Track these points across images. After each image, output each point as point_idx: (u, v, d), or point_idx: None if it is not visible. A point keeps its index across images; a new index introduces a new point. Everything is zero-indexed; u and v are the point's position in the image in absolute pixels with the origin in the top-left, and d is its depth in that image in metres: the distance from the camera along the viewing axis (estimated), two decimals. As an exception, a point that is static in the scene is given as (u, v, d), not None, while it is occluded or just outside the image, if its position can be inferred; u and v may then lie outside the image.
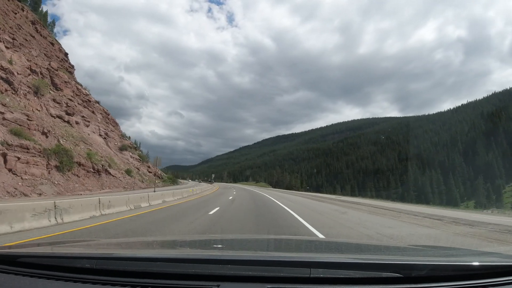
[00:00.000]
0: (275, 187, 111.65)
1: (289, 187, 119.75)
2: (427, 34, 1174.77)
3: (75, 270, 1.27)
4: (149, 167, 43.92)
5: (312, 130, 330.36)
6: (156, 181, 35.50)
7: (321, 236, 7.04)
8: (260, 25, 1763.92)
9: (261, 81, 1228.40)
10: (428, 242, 6.57)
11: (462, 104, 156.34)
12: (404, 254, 2.02)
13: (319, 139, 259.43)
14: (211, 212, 11.38)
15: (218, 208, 13.10)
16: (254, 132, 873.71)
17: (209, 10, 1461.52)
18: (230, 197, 22.52)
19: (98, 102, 44.27)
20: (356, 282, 1.20)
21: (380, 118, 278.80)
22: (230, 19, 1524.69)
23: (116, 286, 1.17)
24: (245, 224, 8.82)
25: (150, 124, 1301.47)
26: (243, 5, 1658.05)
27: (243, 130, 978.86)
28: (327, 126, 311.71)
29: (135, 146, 54.83)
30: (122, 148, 40.47)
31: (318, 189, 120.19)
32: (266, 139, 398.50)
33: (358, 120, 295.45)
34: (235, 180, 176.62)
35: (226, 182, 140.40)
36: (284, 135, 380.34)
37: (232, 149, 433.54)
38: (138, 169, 39.70)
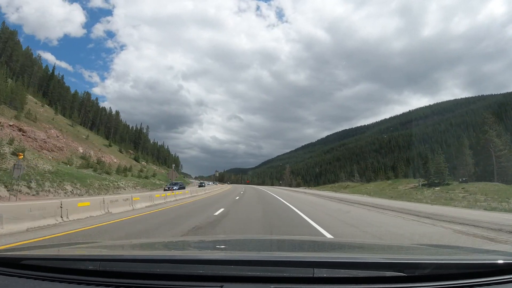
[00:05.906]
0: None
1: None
2: (496, 7, 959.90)
3: (78, 272, 1.26)
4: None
5: (385, 120, 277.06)
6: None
7: None
8: (312, 17, 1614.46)
9: (318, 77, 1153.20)
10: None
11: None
12: (407, 253, 2.01)
13: (399, 127, 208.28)
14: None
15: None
16: (314, 131, 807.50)
17: (257, 8, 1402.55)
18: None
19: None
20: (360, 282, 1.18)
21: (473, 97, 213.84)
22: (280, 14, 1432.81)
23: None
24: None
25: (211, 129, 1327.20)
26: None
27: (303, 129, 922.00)
28: (404, 113, 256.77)
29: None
30: None
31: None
32: (330, 135, 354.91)
33: (443, 102, 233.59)
34: (310, 183, 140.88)
35: (282, 187, 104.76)
36: (352, 128, 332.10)
37: (293, 149, 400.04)
38: None
